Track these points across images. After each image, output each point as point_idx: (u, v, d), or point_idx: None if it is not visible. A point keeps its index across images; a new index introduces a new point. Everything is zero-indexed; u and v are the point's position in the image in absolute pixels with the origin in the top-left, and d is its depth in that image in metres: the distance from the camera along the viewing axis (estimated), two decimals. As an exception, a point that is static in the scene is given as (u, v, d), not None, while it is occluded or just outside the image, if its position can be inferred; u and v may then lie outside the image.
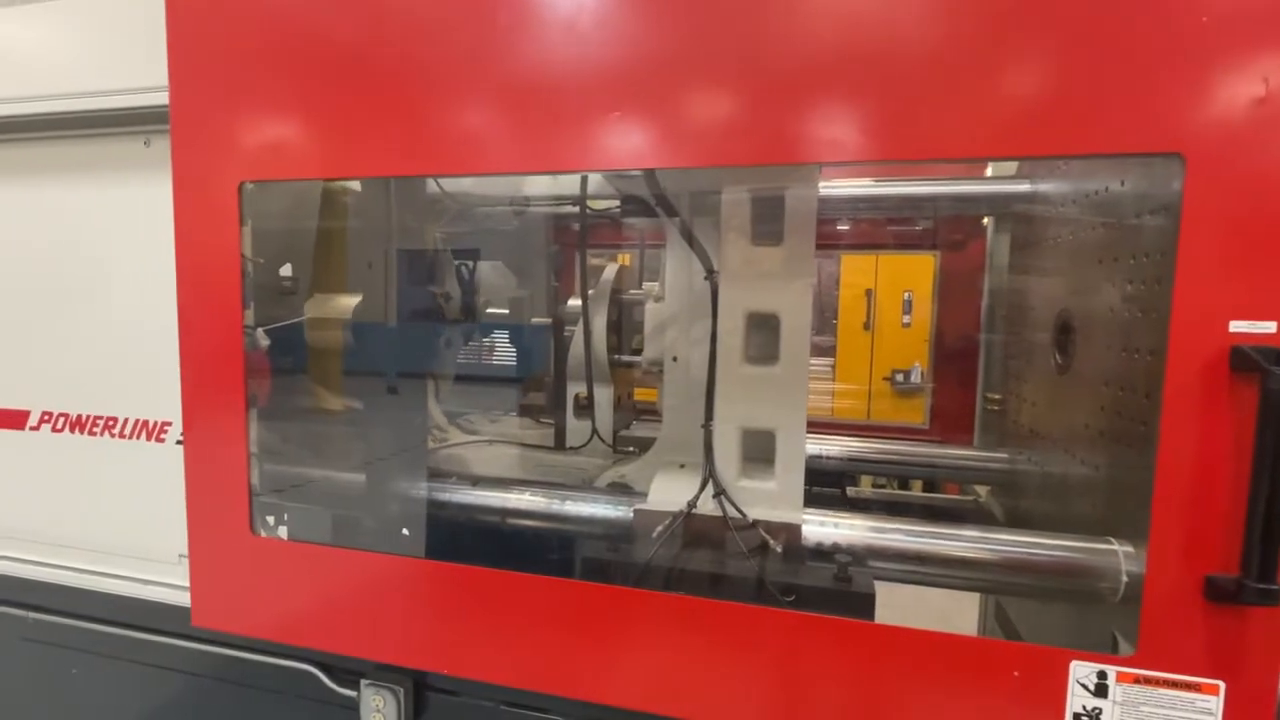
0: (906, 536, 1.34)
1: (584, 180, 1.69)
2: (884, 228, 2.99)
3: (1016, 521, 1.95)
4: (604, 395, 1.89)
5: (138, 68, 1.48)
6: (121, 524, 1.71)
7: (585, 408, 1.93)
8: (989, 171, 2.15)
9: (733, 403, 1.37)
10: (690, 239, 1.48)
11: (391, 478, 1.80)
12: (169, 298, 1.38)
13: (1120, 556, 1.19)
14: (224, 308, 1.35)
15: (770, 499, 1.35)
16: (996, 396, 2.21)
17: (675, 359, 1.55)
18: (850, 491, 2.54)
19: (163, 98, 1.35)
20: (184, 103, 1.33)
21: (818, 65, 1.01)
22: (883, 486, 3.08)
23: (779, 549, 1.30)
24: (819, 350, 5.59)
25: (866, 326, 4.81)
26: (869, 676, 1.07)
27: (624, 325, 1.97)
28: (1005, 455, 2.06)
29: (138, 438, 1.68)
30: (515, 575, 1.25)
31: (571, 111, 1.11)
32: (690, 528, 1.36)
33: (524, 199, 1.88)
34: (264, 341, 1.53)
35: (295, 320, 1.73)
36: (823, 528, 1.37)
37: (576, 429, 1.99)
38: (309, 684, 1.55)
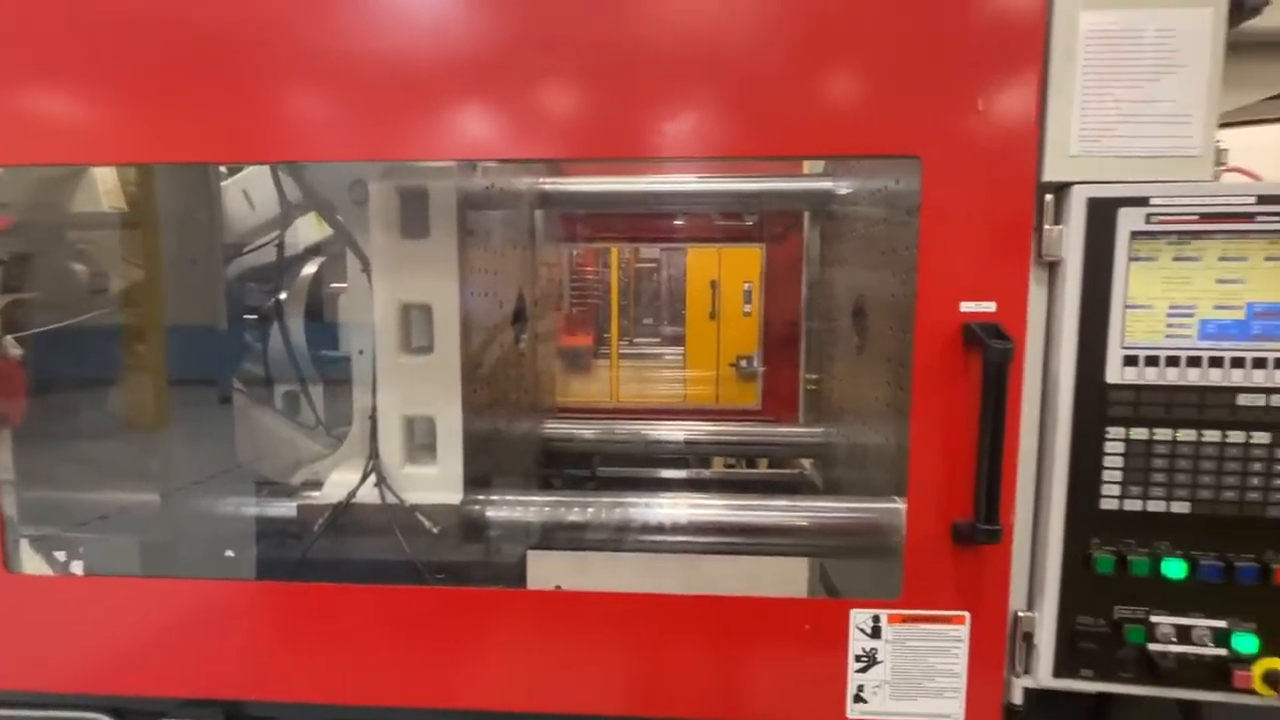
0: (583, 510, 1.45)
1: (274, 171, 1.62)
2: (720, 222, 3.15)
3: (833, 489, 2.14)
4: (315, 391, 1.87)
5: None
6: None
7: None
8: (805, 169, 2.33)
9: (394, 392, 1.41)
10: (344, 233, 1.48)
11: (204, 496, 1.66)
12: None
13: (902, 513, 1.34)
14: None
15: (432, 483, 1.41)
16: (814, 377, 2.41)
17: (361, 352, 1.56)
18: (708, 473, 2.70)
19: None
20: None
21: (602, 64, 1.04)
22: (733, 466, 3.26)
23: (435, 530, 1.36)
24: (671, 340, 5.76)
25: (712, 316, 5.02)
26: (676, 642, 1.13)
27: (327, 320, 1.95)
28: (822, 430, 2.25)
29: None
30: (311, 587, 1.19)
31: (371, 98, 1.06)
32: (358, 518, 1.39)
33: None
34: (13, 350, 1.32)
35: (72, 321, 1.52)
36: (498, 508, 1.47)
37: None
38: (98, 733, 1.37)
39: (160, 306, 1.67)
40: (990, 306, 1.02)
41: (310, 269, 1.95)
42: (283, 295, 1.91)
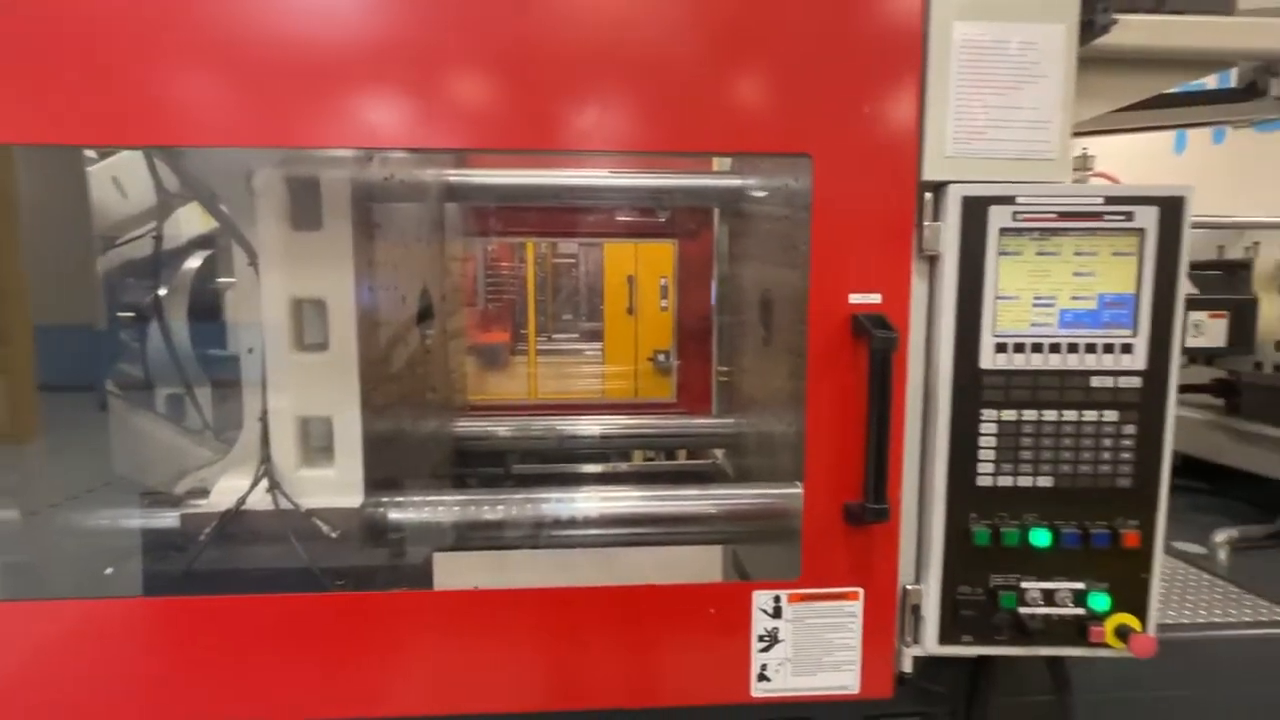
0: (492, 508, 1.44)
1: (148, 156, 1.53)
2: (635, 218, 3.17)
3: (743, 477, 2.20)
4: (202, 394, 1.77)
5: None
6: None
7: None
8: (715, 166, 2.38)
9: (288, 392, 1.36)
10: (228, 225, 1.41)
11: (76, 511, 1.52)
12: None
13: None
14: None
15: (330, 486, 1.36)
16: (726, 369, 2.47)
17: (251, 351, 1.48)
18: (625, 466, 2.71)
19: None
20: None
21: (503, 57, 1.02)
22: (652, 459, 3.30)
23: (334, 535, 1.32)
24: (591, 335, 5.76)
25: (630, 311, 5.04)
26: (584, 634, 1.14)
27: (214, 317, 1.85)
28: (733, 421, 2.31)
29: None
30: (195, 600, 1.12)
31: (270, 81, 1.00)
32: (250, 525, 1.33)
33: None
34: None
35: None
36: (402, 510, 1.43)
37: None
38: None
39: (23, 304, 1.51)
40: (876, 298, 1.08)
41: (193, 263, 1.81)
42: (163, 291, 1.78)
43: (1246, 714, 1.41)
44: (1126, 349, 1.09)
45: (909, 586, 1.16)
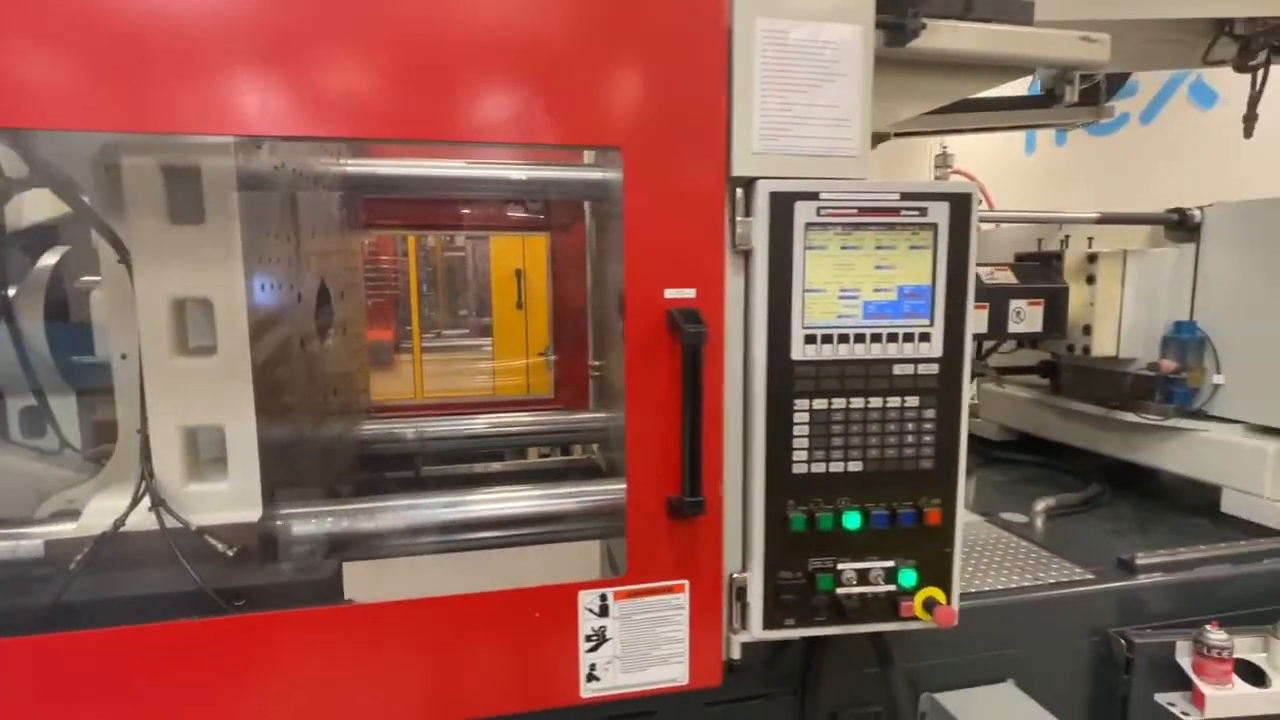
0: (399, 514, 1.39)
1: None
2: (513, 212, 3.08)
3: (614, 471, 2.20)
4: (66, 404, 1.59)
5: None
6: None
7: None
8: (586, 159, 2.35)
9: (170, 400, 1.24)
10: (92, 218, 1.27)
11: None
12: None
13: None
14: None
15: (224, 501, 1.26)
16: (598, 364, 2.46)
17: (125, 356, 1.35)
18: (509, 465, 2.65)
19: None
20: None
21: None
22: (546, 455, 3.25)
23: (230, 553, 1.23)
24: (481, 330, 5.63)
25: (519, 306, 4.95)
26: (411, 650, 1.08)
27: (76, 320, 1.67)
28: (605, 415, 2.30)
29: None
30: (66, 637, 0.99)
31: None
32: (134, 548, 1.20)
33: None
34: None
35: None
36: (304, 522, 1.35)
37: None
38: None
39: None
40: (691, 293, 1.09)
41: (50, 259, 1.60)
42: (12, 291, 1.55)
43: (1053, 662, 1.55)
44: (924, 338, 1.15)
45: (735, 575, 1.18)
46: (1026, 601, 1.51)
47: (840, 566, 1.17)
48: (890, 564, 1.18)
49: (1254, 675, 1.51)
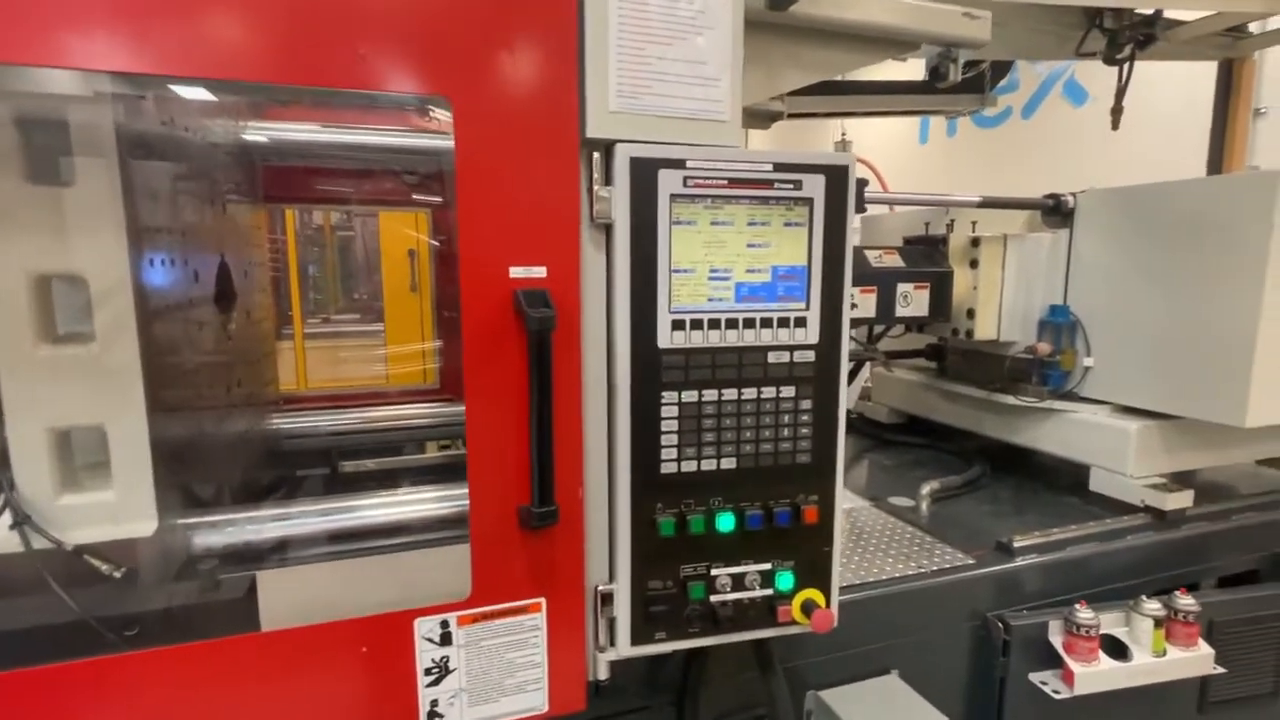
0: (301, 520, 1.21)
1: None
2: (390, 185, 2.82)
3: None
4: None
5: None
6: None
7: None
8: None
9: (34, 397, 1.02)
10: None
11: None
12: None
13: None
14: None
15: (109, 513, 1.06)
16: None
17: None
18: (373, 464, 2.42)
19: None
20: None
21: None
22: (447, 447, 3.03)
23: (118, 575, 1.03)
24: (376, 315, 5.27)
25: (413, 288, 4.64)
26: (216, 699, 0.90)
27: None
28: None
29: None
30: None
31: None
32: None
33: None
34: None
35: None
36: (207, 533, 1.15)
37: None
38: None
39: None
40: (540, 271, 0.94)
41: None
42: None
43: (937, 649, 1.53)
44: (801, 323, 1.06)
45: (602, 588, 1.06)
46: (911, 591, 1.48)
47: (714, 572, 1.08)
48: (767, 566, 1.10)
49: (1118, 649, 1.55)
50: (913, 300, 1.98)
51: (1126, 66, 2.50)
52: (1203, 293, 1.66)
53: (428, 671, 0.97)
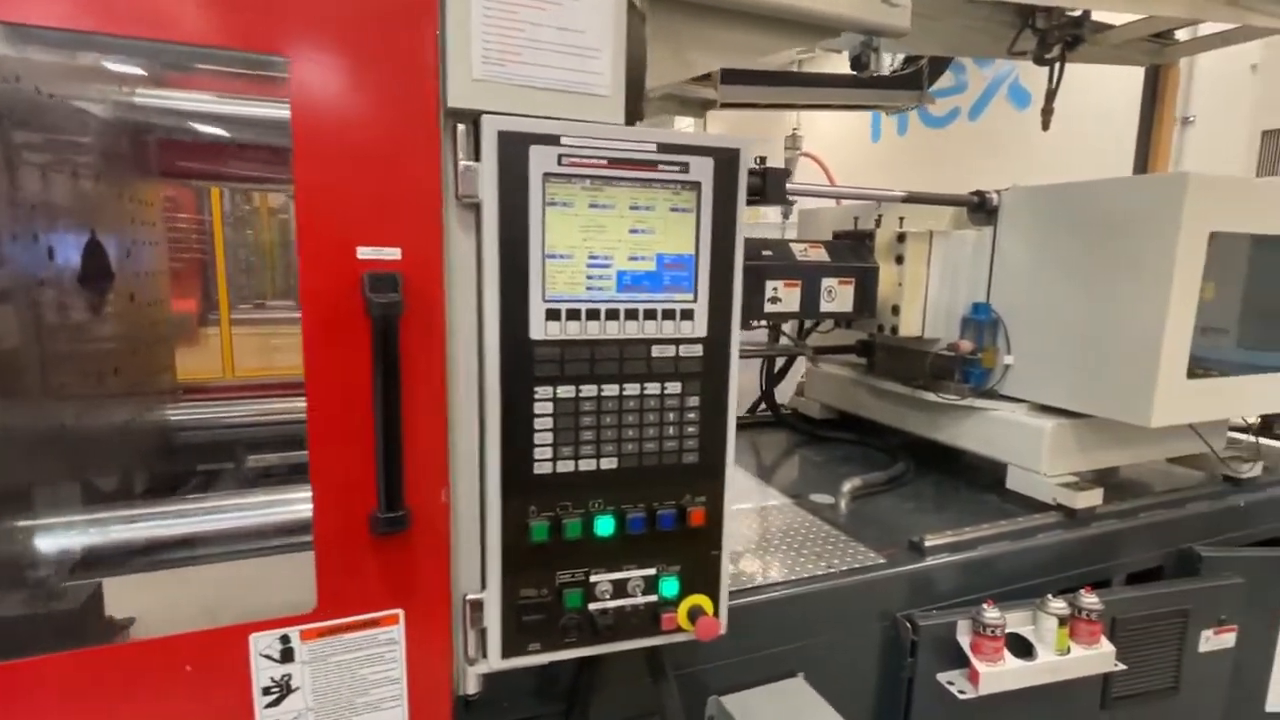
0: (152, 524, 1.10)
1: None
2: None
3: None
4: None
5: None
6: None
7: None
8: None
9: None
10: None
11: None
12: None
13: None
14: None
15: None
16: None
17: None
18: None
19: None
20: None
21: None
22: None
23: None
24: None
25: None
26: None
27: None
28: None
29: None
30: None
31: None
32: None
33: None
34: None
35: None
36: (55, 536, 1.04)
37: None
38: None
39: None
40: (394, 253, 0.86)
41: None
42: None
43: (845, 650, 1.51)
44: (687, 315, 1.00)
45: (471, 597, 0.99)
46: (820, 591, 1.45)
47: (594, 579, 1.01)
48: (651, 572, 1.04)
49: (1024, 648, 1.55)
50: (838, 295, 1.95)
51: (1057, 68, 2.52)
52: (1114, 293, 1.66)
53: (266, 691, 0.89)
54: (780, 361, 2.58)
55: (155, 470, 1.75)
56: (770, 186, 1.71)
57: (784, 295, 1.87)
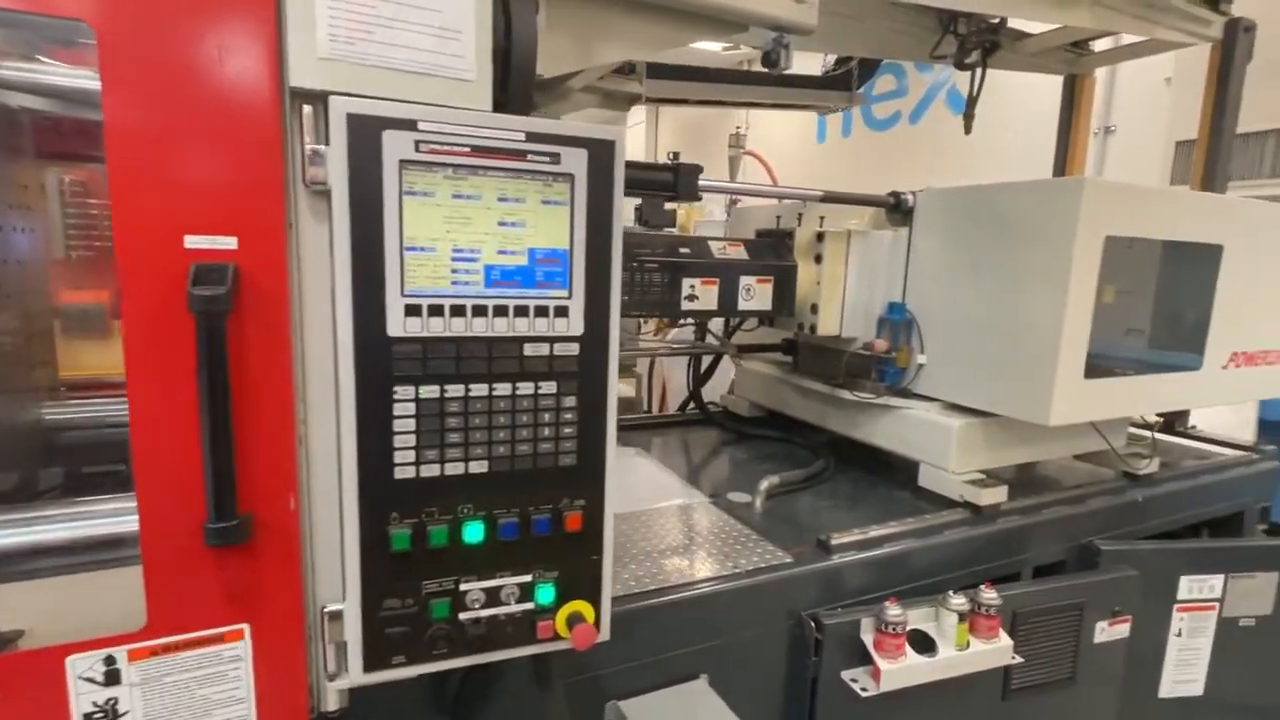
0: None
1: None
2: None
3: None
4: None
5: None
6: None
7: None
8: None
9: None
10: None
11: None
12: None
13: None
14: None
15: None
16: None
17: None
18: None
19: None
20: None
21: None
22: None
23: None
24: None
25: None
26: None
27: None
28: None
29: None
30: None
31: None
32: None
33: None
34: None
35: None
36: None
37: None
38: None
39: None
40: (229, 242, 0.80)
41: None
42: None
43: (750, 650, 1.49)
44: (562, 312, 0.96)
45: (329, 609, 0.93)
46: (724, 591, 1.43)
47: (464, 587, 0.97)
48: (527, 579, 1.00)
49: (925, 644, 1.56)
50: (756, 294, 1.94)
51: (979, 75, 2.57)
52: (1017, 293, 1.69)
53: (88, 717, 0.81)
54: (707, 360, 2.57)
55: (22, 473, 1.63)
56: (682, 182, 1.68)
57: (701, 293, 1.85)
